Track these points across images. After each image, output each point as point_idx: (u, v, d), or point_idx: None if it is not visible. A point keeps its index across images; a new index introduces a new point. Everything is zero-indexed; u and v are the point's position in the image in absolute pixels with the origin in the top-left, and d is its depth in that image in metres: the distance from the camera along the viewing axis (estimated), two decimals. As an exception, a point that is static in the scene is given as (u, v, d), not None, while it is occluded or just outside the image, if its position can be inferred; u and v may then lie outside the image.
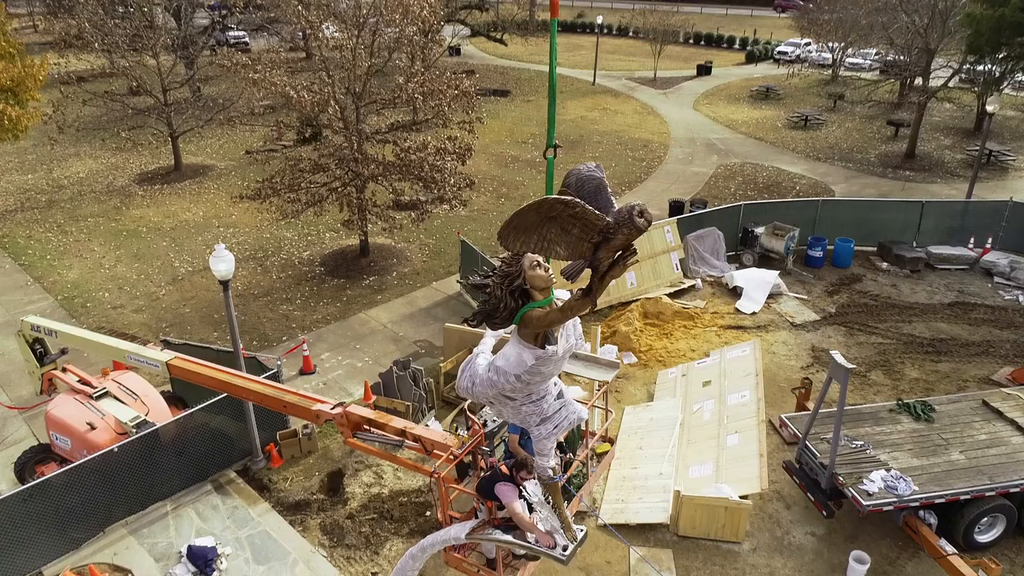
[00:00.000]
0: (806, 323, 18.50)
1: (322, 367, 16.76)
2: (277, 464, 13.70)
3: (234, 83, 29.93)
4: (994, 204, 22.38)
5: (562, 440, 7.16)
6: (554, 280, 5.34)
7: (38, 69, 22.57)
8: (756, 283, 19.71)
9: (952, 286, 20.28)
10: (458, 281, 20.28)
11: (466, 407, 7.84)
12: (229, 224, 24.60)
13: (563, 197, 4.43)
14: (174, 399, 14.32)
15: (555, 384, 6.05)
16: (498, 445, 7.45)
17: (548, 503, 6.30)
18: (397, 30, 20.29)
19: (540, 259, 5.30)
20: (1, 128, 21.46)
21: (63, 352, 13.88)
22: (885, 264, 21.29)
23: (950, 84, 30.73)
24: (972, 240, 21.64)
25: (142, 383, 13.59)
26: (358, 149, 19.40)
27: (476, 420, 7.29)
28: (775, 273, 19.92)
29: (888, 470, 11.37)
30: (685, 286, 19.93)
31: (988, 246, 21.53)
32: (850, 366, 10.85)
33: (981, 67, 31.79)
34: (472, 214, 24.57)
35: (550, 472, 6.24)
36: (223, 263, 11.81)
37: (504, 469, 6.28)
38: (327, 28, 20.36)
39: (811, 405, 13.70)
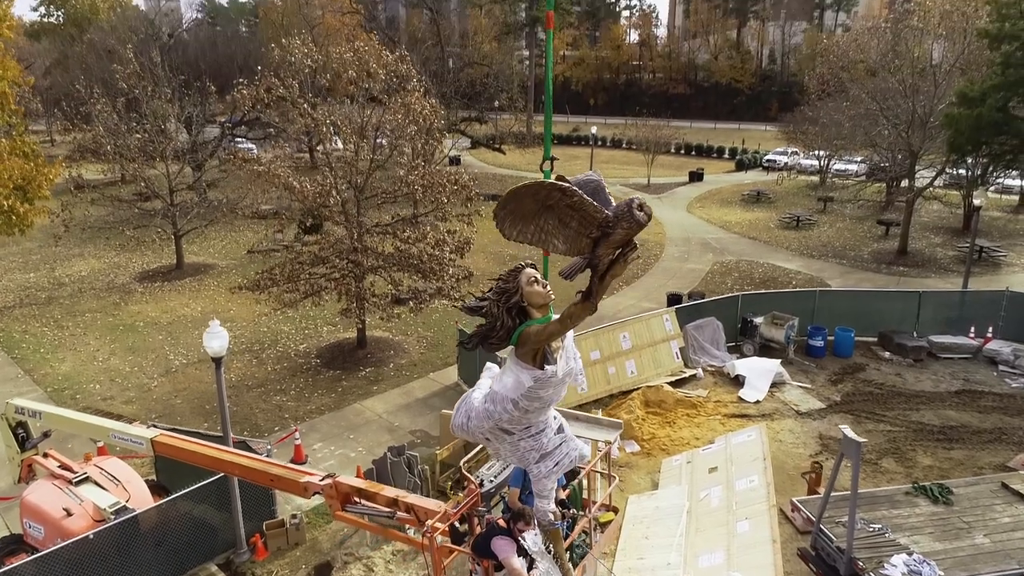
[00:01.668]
0: (811, 411, 18.07)
1: (314, 457, 16.19)
2: (262, 556, 12.93)
3: (240, 185, 30.79)
4: (991, 294, 22.47)
5: (564, 497, 6.73)
6: (553, 297, 5.18)
7: (50, 169, 23.30)
8: (758, 372, 19.42)
9: (957, 374, 19.98)
10: (454, 305, 19.89)
11: (462, 466, 7.44)
12: (227, 318, 24.50)
13: (560, 184, 4.32)
14: (158, 488, 13.72)
15: (555, 418, 5.74)
16: (496, 504, 7.00)
17: (549, 553, 5.83)
18: (398, 133, 21.03)
19: (538, 275, 5.17)
20: (8, 223, 21.84)
21: (46, 435, 13.41)
22: (887, 353, 21.08)
23: (936, 183, 31.66)
24: (972, 329, 21.54)
25: (126, 469, 13.06)
26: (358, 239, 19.65)
27: (472, 479, 6.90)
28: (777, 362, 19.66)
29: (910, 554, 10.71)
30: (686, 375, 19.61)
31: (989, 335, 21.42)
32: (861, 440, 10.48)
33: (964, 170, 32.92)
34: (470, 308, 24.56)
35: (551, 516, 5.81)
36: (217, 340, 11.71)
37: (501, 523, 5.85)
38: (331, 136, 21.04)
39: (822, 491, 13.12)
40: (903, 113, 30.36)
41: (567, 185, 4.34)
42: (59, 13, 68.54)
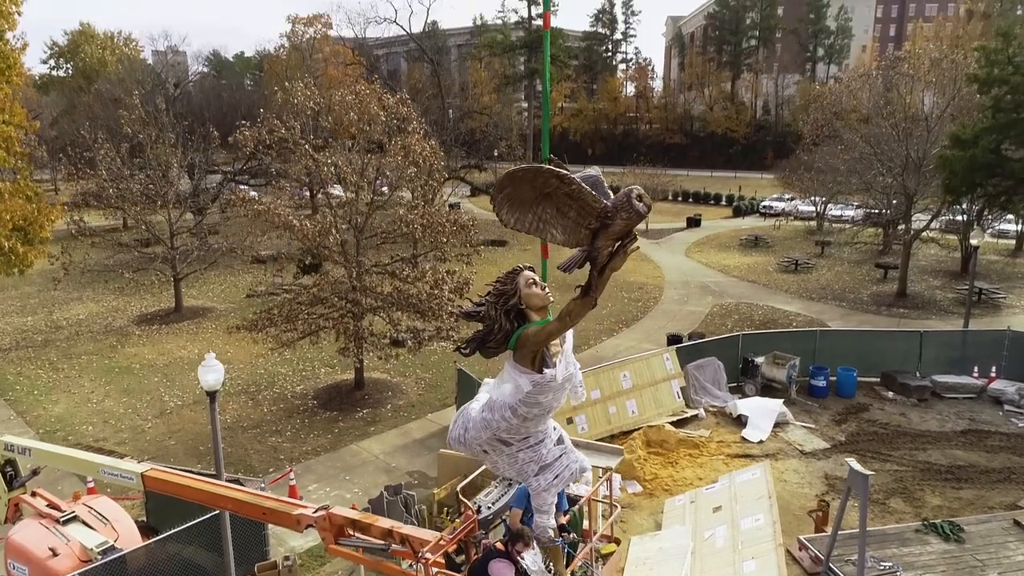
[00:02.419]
0: (816, 451, 17.76)
1: (309, 498, 15.75)
2: (252, 600, 12.49)
3: (240, 229, 30.96)
4: (993, 333, 22.36)
5: (565, 522, 6.50)
6: (551, 300, 5.08)
7: (51, 211, 23.42)
8: (761, 412, 19.16)
9: (962, 414, 19.71)
10: (451, 310, 19.56)
11: (458, 490, 7.21)
12: (224, 360, 23.80)
13: (558, 171, 4.28)
14: (148, 529, 13.35)
15: (555, 429, 5.58)
16: (496, 526, 6.76)
17: (549, 572, 5.58)
18: (398, 174, 21.24)
19: (536, 277, 5.10)
20: (8, 264, 21.86)
21: (35, 473, 13.10)
22: (891, 393, 20.85)
23: (932, 226, 31.87)
24: (976, 369, 21.36)
25: (115, 508, 12.71)
26: (357, 279, 19.64)
27: (469, 504, 6.68)
28: (780, 401, 19.43)
29: (923, 593, 10.37)
30: (687, 415, 19.34)
31: (993, 375, 21.23)
32: (868, 472, 10.22)
33: (960, 216, 33.18)
34: (469, 349, 24.37)
35: (551, 532, 5.59)
36: (212, 373, 11.56)
37: (499, 546, 5.63)
38: (332, 177, 21.21)
39: (830, 529, 12.77)
40: (897, 157, 30.74)
41: (565, 172, 4.30)
42: (68, 66, 70.16)
